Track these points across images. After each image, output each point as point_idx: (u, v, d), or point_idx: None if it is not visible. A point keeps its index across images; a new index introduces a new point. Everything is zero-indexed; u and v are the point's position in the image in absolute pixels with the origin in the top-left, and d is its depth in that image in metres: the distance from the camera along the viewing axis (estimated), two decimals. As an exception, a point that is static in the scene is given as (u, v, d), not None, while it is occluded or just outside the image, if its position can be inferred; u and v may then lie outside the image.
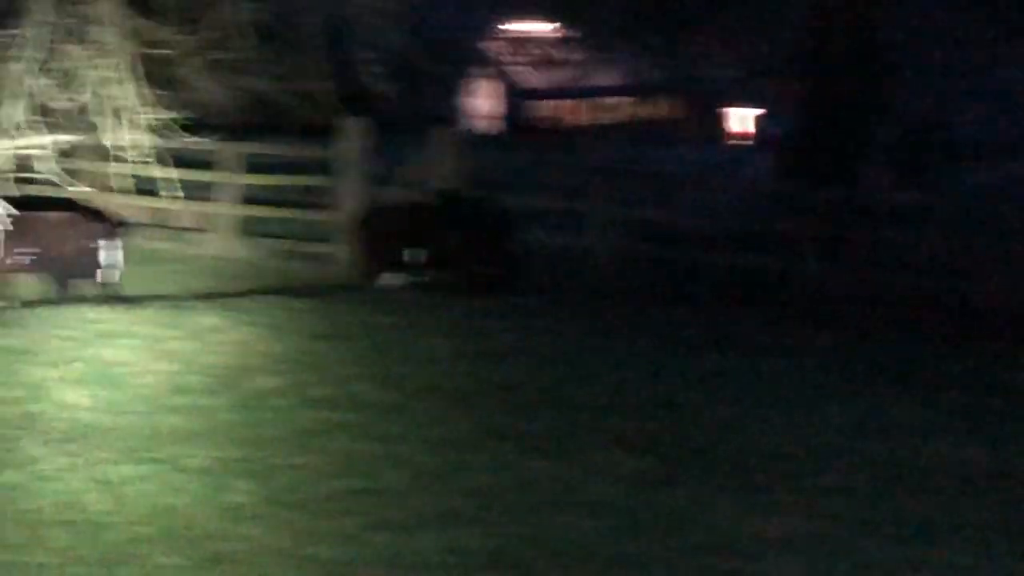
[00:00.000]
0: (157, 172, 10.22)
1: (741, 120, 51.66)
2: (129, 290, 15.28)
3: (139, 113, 9.74)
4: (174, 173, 11.10)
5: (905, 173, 26.94)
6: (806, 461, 9.04)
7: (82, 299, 13.65)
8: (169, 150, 11.58)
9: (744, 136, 50.74)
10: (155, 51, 10.70)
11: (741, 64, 25.70)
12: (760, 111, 47.19)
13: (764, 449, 9.31)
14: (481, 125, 53.07)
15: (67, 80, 9.84)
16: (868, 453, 9.27)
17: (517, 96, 53.74)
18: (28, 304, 13.77)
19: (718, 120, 53.01)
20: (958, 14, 23.30)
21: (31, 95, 9.70)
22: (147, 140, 9.89)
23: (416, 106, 44.52)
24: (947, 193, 23.27)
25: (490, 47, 52.74)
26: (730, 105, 49.76)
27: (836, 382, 11.45)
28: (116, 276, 13.86)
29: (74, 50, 9.48)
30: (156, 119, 9.87)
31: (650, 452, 9.06)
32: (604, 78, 44.69)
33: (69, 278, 14.42)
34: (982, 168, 29.77)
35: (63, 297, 14.12)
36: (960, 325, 13.99)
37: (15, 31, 9.41)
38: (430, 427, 9.43)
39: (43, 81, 9.60)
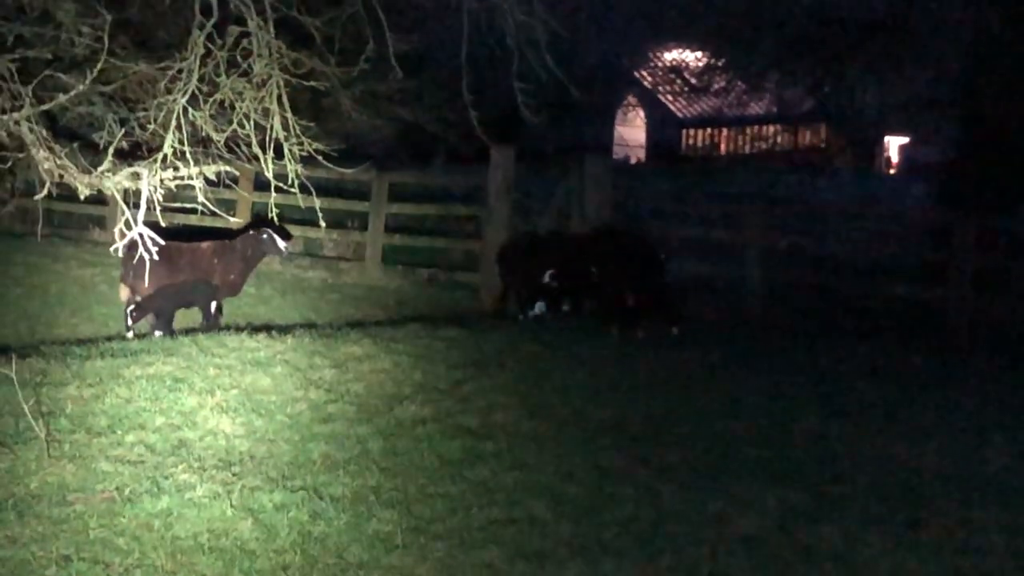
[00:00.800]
0: (308, 202, 10.29)
1: (895, 149, 51.06)
2: (279, 318, 15.56)
3: (292, 143, 9.84)
4: (324, 203, 11.18)
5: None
6: (959, 495, 8.82)
7: (235, 327, 13.85)
8: (320, 180, 11.71)
9: (896, 165, 50.13)
10: (308, 83, 10.80)
11: (896, 93, 25.25)
12: (907, 140, 46.56)
13: (915, 483, 9.11)
14: (633, 154, 53.05)
15: (224, 111, 9.99)
16: (1024, 488, 9.05)
17: (669, 125, 53.64)
18: (183, 332, 14.07)
19: (872, 148, 52.42)
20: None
21: (192, 125, 9.87)
22: (299, 170, 9.98)
23: (567, 135, 44.74)
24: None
25: (642, 75, 52.75)
26: (885, 134, 49.19)
27: (993, 415, 11.16)
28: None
29: (231, 81, 9.62)
30: (308, 149, 9.96)
31: (798, 485, 8.91)
32: (757, 106, 44.39)
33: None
34: None
35: (217, 326, 14.42)
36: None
37: (178, 64, 9.58)
38: (574, 457, 9.37)
39: (202, 112, 9.75)
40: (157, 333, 14.21)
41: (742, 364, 12.81)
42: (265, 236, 14.59)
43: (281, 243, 14.72)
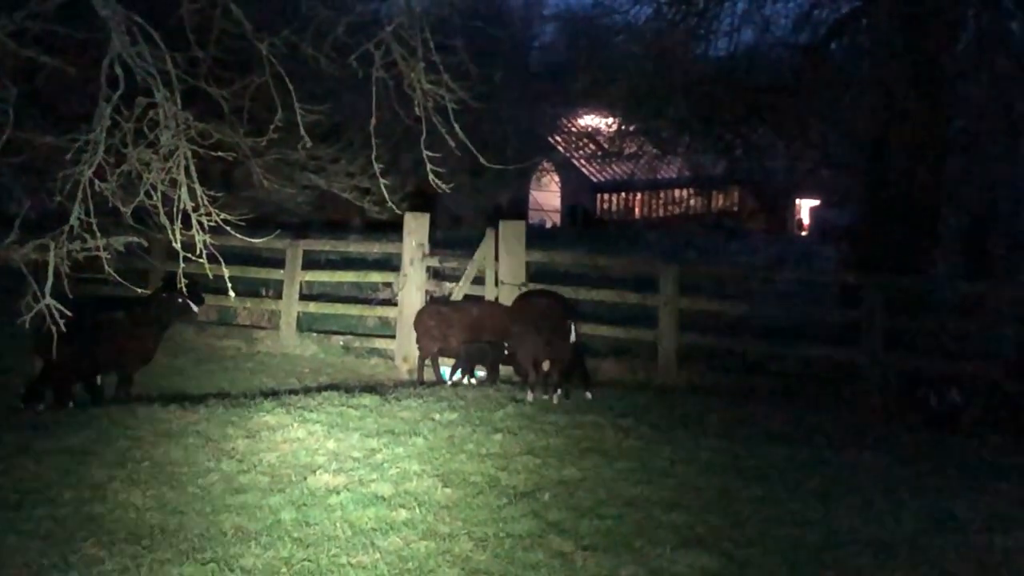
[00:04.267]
0: (220, 271, 10.24)
1: (807, 211, 51.78)
2: (192, 388, 15.44)
3: (202, 213, 9.79)
4: (237, 271, 11.14)
5: (974, 262, 26.74)
6: (871, 557, 8.88)
7: (145, 398, 13.74)
8: (235, 248, 11.66)
9: (807, 227, 50.84)
10: (216, 153, 10.77)
11: (805, 156, 25.60)
12: (817, 202, 47.24)
13: (827, 544, 9.16)
14: (548, 218, 53.33)
15: (132, 182, 9.93)
16: (940, 547, 9.10)
17: (583, 189, 54.03)
18: (95, 404, 13.92)
19: (783, 211, 53.13)
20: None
21: (102, 196, 9.80)
22: (210, 240, 9.92)
23: (483, 201, 44.93)
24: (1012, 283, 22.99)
25: (556, 140, 53.14)
26: (796, 197, 49.87)
27: (906, 475, 11.26)
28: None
29: (139, 153, 9.58)
30: (219, 219, 9.92)
31: (710, 549, 8.93)
32: (669, 171, 44.83)
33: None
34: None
35: (128, 397, 14.28)
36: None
37: (85, 135, 9.52)
38: (487, 525, 9.34)
39: (109, 184, 9.69)
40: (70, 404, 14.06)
41: (655, 428, 12.86)
42: (180, 300, 14.49)
43: (194, 306, 14.63)
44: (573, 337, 14.84)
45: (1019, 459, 12.17)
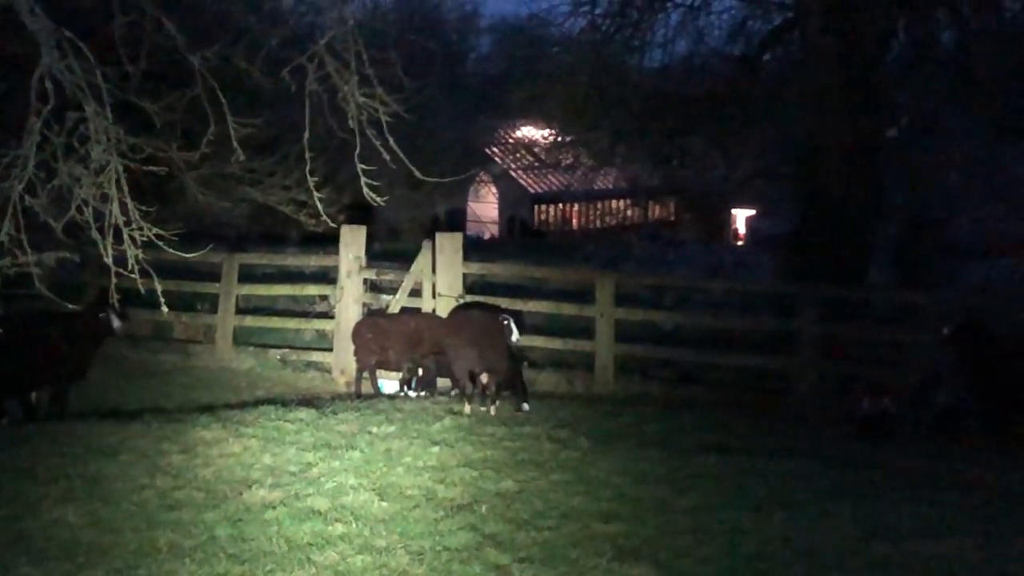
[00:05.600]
0: (153, 285, 10.18)
1: (742, 221, 52.12)
2: (128, 404, 15.32)
3: (133, 228, 9.73)
4: (172, 285, 11.09)
5: (906, 270, 27.01)
6: (805, 567, 8.93)
7: (80, 414, 13.63)
8: (170, 262, 11.59)
9: (743, 237, 51.18)
10: (148, 167, 10.72)
11: (740, 167, 25.81)
12: (752, 212, 47.56)
13: (761, 554, 9.20)
14: (486, 230, 53.34)
15: (63, 197, 9.86)
16: (874, 555, 9.16)
17: (521, 201, 54.06)
18: (27, 420, 13.80)
19: (719, 221, 53.43)
20: (958, 114, 23.45)
21: (33, 211, 9.73)
22: (142, 254, 9.87)
23: (421, 212, 44.88)
24: (944, 290, 23.24)
25: (493, 152, 53.15)
26: (732, 207, 50.18)
27: (839, 483, 11.32)
28: None
29: (69, 167, 9.51)
30: (151, 233, 9.86)
31: (646, 560, 8.96)
32: (606, 182, 44.98)
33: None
34: (980, 264, 29.89)
35: (63, 413, 14.16)
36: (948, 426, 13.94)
37: (14, 150, 9.45)
38: (424, 538, 9.33)
39: (39, 199, 9.62)
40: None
41: (592, 439, 12.87)
42: (103, 316, 14.37)
43: (116, 322, 14.50)
44: (510, 349, 14.87)
45: (951, 466, 12.26)
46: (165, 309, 10.25)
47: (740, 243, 51.57)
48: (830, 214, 21.07)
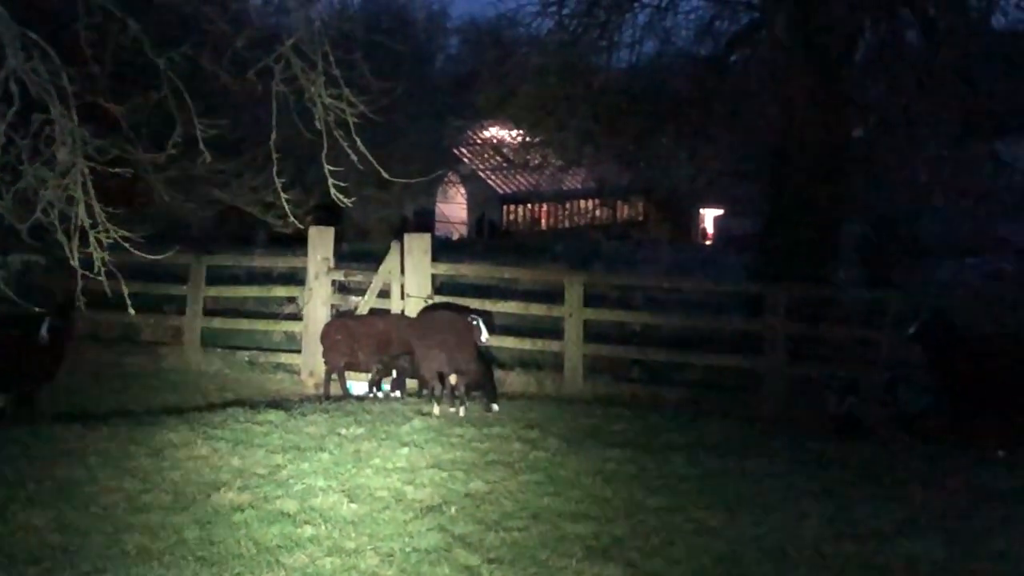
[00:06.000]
0: (122, 288, 10.12)
1: (711, 221, 52.22)
2: (95, 407, 15.23)
3: (100, 230, 9.67)
4: (139, 288, 11.04)
5: (875, 269, 27.09)
6: (774, 565, 8.96)
7: (47, 417, 13.56)
8: (135, 264, 11.53)
9: (711, 236, 51.27)
10: (114, 169, 10.66)
11: (708, 166, 25.85)
12: (721, 212, 47.65)
13: (731, 553, 9.22)
14: (455, 231, 53.29)
15: (29, 199, 9.81)
16: (845, 554, 9.19)
17: (490, 201, 54.05)
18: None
19: (688, 220, 53.52)
20: (925, 113, 23.52)
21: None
22: (109, 256, 9.81)
23: (390, 214, 44.79)
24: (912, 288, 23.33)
25: (461, 152, 53.11)
26: (700, 206, 50.28)
27: (808, 482, 11.36)
28: None
29: (35, 170, 9.45)
30: (117, 235, 9.80)
31: (616, 560, 8.97)
32: (575, 182, 44.99)
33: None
34: (949, 263, 30.04)
35: (30, 416, 14.07)
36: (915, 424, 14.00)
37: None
38: (393, 540, 9.32)
39: (4, 201, 9.57)
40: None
41: (561, 440, 12.89)
42: (46, 321, 14.19)
43: (43, 329, 14.25)
44: (479, 350, 14.87)
45: (921, 465, 12.31)
46: (132, 311, 10.19)
47: (708, 243, 51.67)
48: (798, 213, 21.11)
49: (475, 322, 14.99)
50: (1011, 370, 13.65)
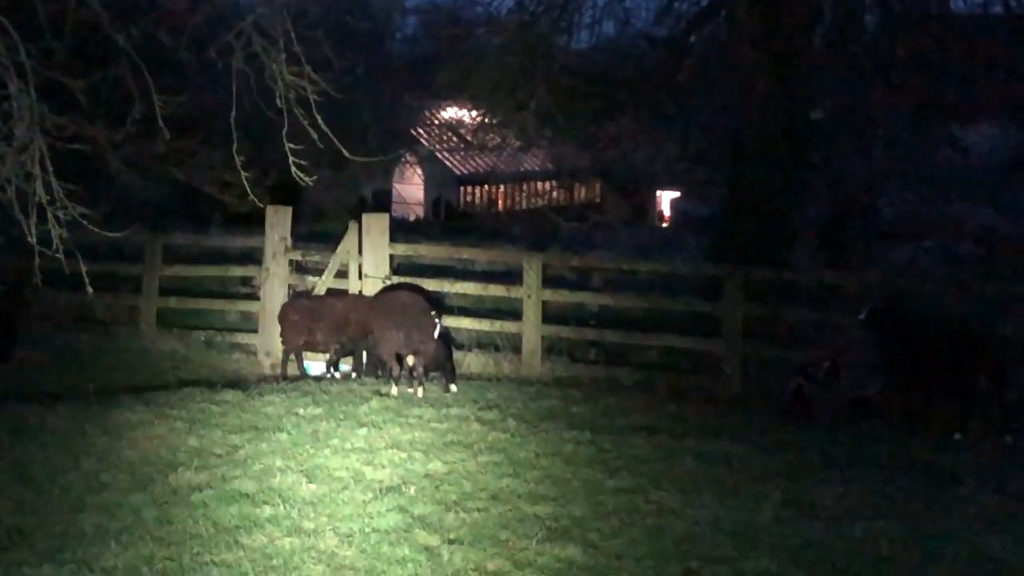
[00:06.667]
0: (79, 266, 10.04)
1: (666, 203, 52.32)
2: (50, 387, 15.12)
3: (58, 207, 9.59)
4: (96, 267, 10.95)
5: (832, 252, 27.20)
6: (733, 546, 8.99)
7: (2, 396, 13.45)
8: (91, 242, 11.44)
9: (669, 219, 51.38)
10: (73, 145, 10.58)
11: (666, 149, 25.88)
12: (677, 194, 47.75)
13: (689, 534, 9.25)
14: (412, 212, 53.21)
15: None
16: (803, 536, 9.23)
17: (447, 182, 53.99)
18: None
19: (645, 203, 53.60)
20: (881, 97, 23.64)
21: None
22: (67, 234, 9.73)
23: (348, 194, 44.67)
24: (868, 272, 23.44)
25: (419, 133, 52.99)
26: (657, 189, 50.36)
27: (765, 463, 11.40)
28: None
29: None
30: (75, 213, 9.72)
31: (575, 541, 8.97)
32: (533, 163, 44.98)
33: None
34: (905, 247, 30.21)
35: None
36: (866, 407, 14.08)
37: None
38: (352, 520, 9.29)
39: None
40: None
41: (520, 421, 12.88)
42: None
43: None
44: (437, 331, 14.84)
45: (877, 447, 12.36)
46: (90, 290, 10.11)
47: (665, 225, 51.78)
48: (755, 196, 21.14)
49: (432, 313, 14.94)
50: (955, 353, 13.73)
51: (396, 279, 17.51)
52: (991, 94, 23.87)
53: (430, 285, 17.13)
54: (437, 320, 14.86)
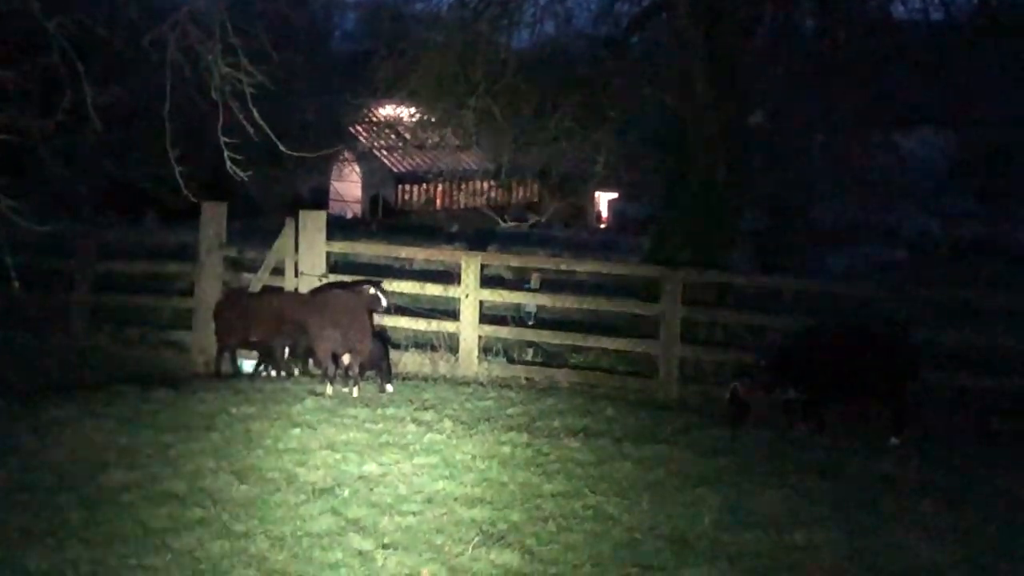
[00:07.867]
0: (7, 260, 9.84)
1: (604, 204, 52.40)
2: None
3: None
4: (23, 261, 10.73)
5: (769, 256, 27.28)
6: (672, 552, 8.91)
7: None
8: (21, 237, 11.21)
9: (606, 220, 51.47)
10: (4, 136, 10.36)
11: (603, 149, 25.75)
12: (614, 195, 47.84)
13: (628, 540, 9.17)
14: (349, 209, 52.98)
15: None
16: (743, 543, 9.16)
17: (385, 180, 53.81)
18: None
19: (582, 204, 53.63)
20: (819, 102, 23.69)
21: None
22: (-4, 227, 9.53)
23: (284, 190, 44.39)
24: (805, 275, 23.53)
25: (357, 130, 52.78)
26: (595, 189, 50.39)
27: (703, 468, 11.34)
28: None
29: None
30: (7, 206, 9.51)
31: (512, 546, 8.86)
32: (471, 162, 44.88)
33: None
34: (843, 251, 30.36)
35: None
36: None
37: None
38: (285, 523, 9.14)
39: None
40: None
41: (457, 422, 12.77)
42: None
43: None
44: (374, 329, 14.70)
45: (817, 454, 12.31)
46: (17, 284, 9.90)
47: (603, 226, 51.84)
48: (694, 199, 21.11)
49: (372, 291, 14.84)
50: (853, 359, 13.75)
51: (333, 277, 17.31)
52: (931, 101, 24.00)
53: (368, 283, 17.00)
54: (379, 307, 14.80)
